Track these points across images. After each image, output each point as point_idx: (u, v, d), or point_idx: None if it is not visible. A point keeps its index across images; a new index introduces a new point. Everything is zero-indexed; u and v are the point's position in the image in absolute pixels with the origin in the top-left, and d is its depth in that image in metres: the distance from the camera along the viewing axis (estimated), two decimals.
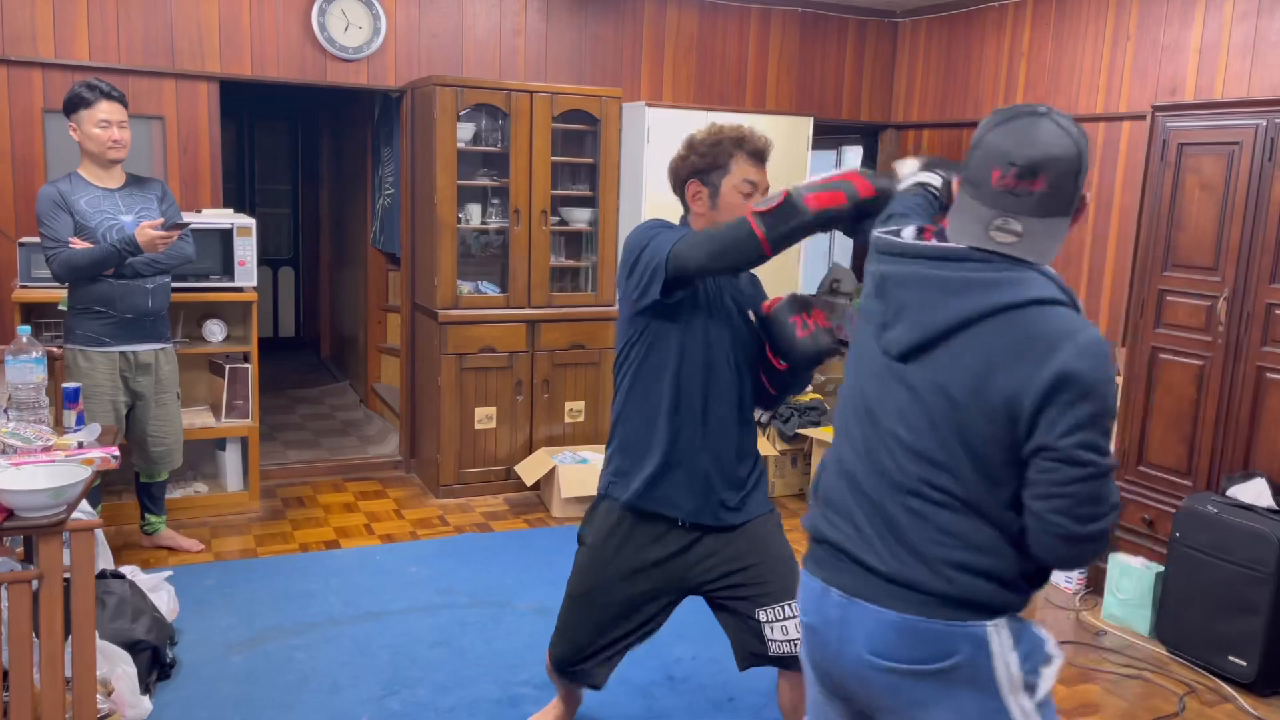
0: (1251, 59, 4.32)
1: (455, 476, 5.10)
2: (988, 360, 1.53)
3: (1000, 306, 1.54)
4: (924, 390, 1.60)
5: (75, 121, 3.77)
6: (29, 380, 2.80)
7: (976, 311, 1.55)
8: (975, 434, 1.55)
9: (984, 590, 1.59)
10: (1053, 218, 1.57)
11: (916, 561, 1.61)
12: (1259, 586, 3.36)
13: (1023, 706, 1.63)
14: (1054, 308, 1.54)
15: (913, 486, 1.62)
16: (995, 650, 1.60)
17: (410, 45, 5.17)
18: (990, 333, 1.54)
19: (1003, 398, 1.52)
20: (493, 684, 3.26)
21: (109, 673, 2.85)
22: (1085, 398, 1.49)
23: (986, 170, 1.58)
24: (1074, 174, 1.56)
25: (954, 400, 1.56)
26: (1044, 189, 1.55)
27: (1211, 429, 3.75)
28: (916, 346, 1.61)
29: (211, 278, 4.51)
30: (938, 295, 1.59)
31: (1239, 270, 3.63)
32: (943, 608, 1.59)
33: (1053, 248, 1.59)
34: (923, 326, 1.59)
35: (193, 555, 4.22)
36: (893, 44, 6.34)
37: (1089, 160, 1.58)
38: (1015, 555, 1.60)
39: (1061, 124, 1.56)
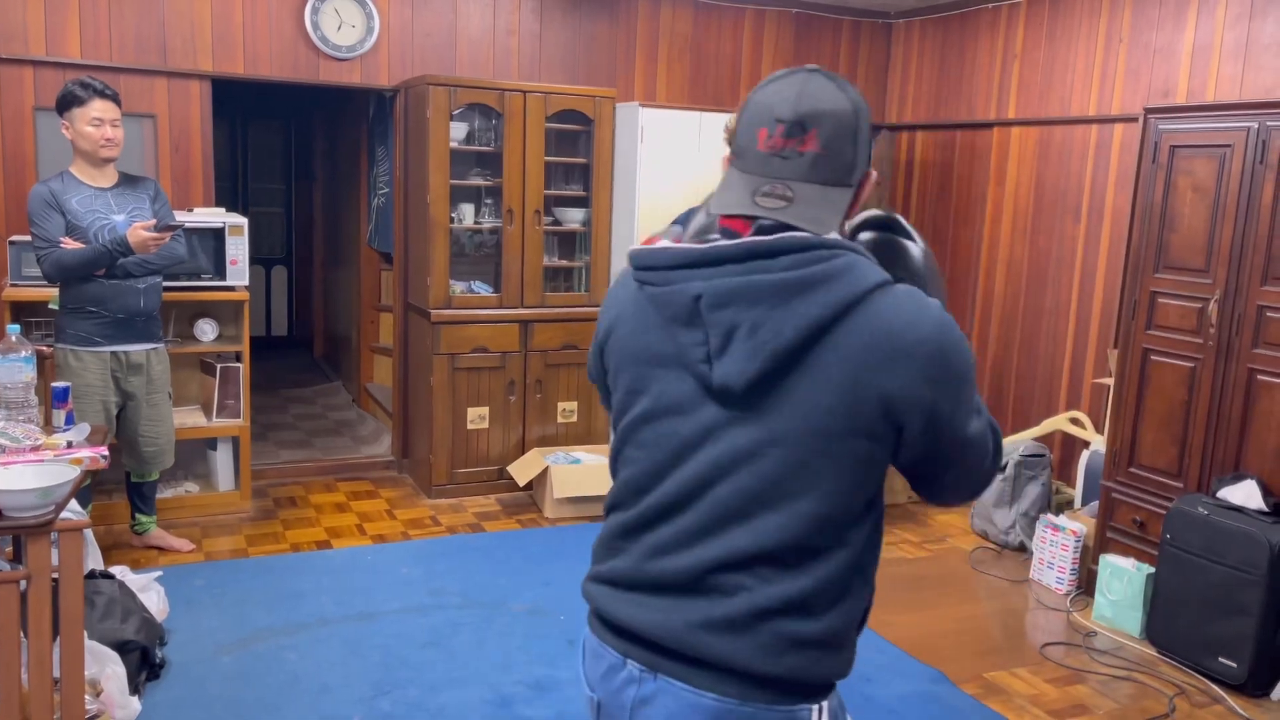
0: (1243, 62, 4.33)
1: (448, 477, 5.09)
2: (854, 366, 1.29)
3: (849, 302, 1.28)
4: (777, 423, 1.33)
5: (68, 120, 3.76)
6: (18, 379, 2.79)
7: (827, 315, 1.28)
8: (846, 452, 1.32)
9: (813, 665, 1.34)
10: (828, 185, 1.33)
11: (730, 632, 1.33)
12: (1249, 588, 3.37)
13: None
14: (893, 288, 1.32)
15: (757, 544, 1.36)
16: None
17: (404, 44, 5.16)
18: (850, 337, 1.29)
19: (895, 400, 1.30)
20: (484, 685, 3.26)
21: (98, 673, 2.83)
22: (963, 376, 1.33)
23: (753, 133, 1.35)
24: (850, 134, 1.34)
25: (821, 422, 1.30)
26: (816, 149, 1.32)
27: (1202, 431, 3.76)
28: (764, 375, 1.30)
29: (204, 277, 4.50)
30: (761, 305, 1.29)
31: (1230, 272, 3.64)
32: (759, 689, 1.33)
33: (832, 219, 1.33)
34: (759, 348, 1.29)
35: (183, 555, 4.21)
36: (887, 45, 6.35)
37: (868, 122, 1.37)
38: (851, 603, 1.36)
39: (835, 80, 1.35)
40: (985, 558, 4.63)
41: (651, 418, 1.39)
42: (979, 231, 5.80)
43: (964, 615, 4.02)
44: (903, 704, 3.26)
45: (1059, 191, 5.28)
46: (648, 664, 1.36)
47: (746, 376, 1.28)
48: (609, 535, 1.45)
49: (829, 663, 1.35)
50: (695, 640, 1.32)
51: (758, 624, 1.30)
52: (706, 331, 1.31)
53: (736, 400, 1.31)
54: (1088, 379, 5.15)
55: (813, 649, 1.32)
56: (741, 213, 1.34)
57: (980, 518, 4.91)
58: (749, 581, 1.31)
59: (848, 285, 1.28)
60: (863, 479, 1.33)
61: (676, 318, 1.33)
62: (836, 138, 1.33)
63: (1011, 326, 5.60)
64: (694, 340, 1.32)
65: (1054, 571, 4.25)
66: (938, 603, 4.13)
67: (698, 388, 1.33)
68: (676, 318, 1.33)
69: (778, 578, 1.31)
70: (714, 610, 1.31)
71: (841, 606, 1.34)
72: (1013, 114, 5.53)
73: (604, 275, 5.30)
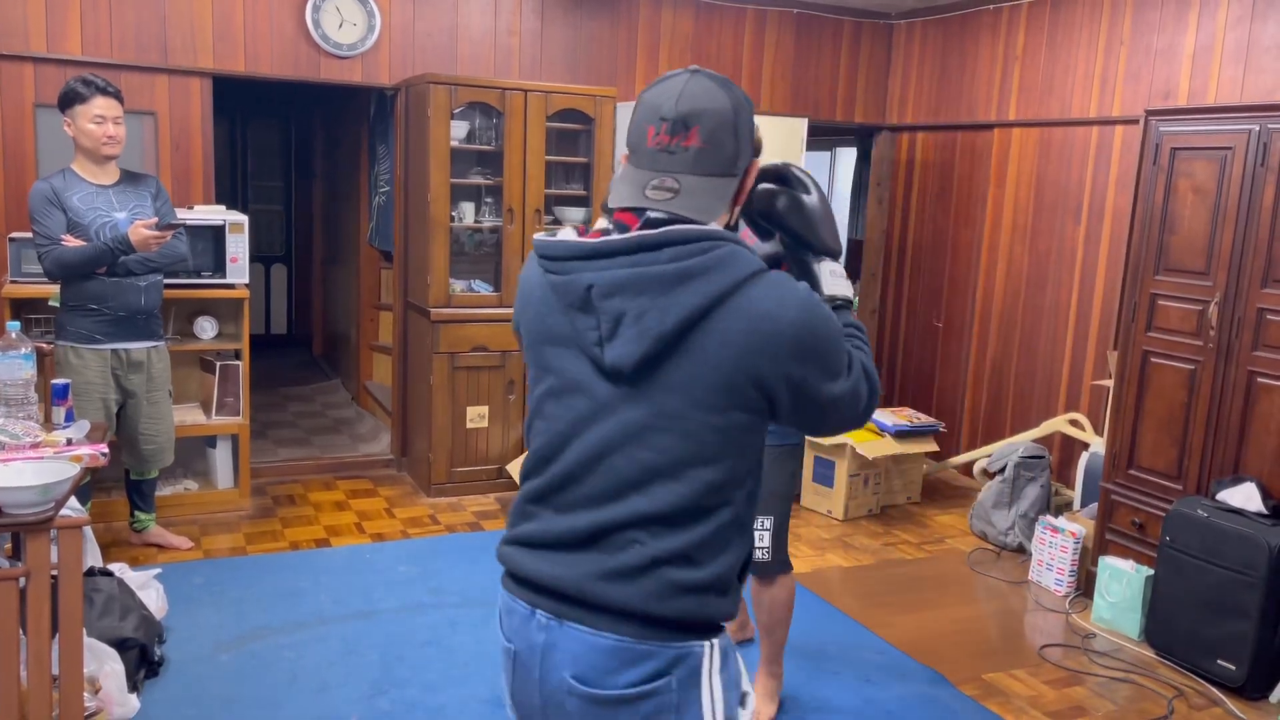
0: (1244, 65, 4.33)
1: (447, 475, 5.09)
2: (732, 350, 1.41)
3: (725, 291, 1.40)
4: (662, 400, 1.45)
5: (70, 117, 3.75)
6: (18, 376, 2.79)
7: (705, 303, 1.40)
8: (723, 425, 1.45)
9: (701, 606, 1.48)
10: (712, 176, 1.46)
11: (627, 579, 1.46)
12: (1248, 591, 3.37)
13: None
14: (765, 276, 1.43)
15: (650, 504, 1.49)
16: (705, 673, 1.49)
17: (404, 43, 5.16)
18: (727, 323, 1.40)
19: (771, 376, 1.43)
20: (482, 684, 3.26)
21: (96, 671, 2.83)
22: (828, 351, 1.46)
23: (642, 131, 1.48)
24: (730, 128, 1.46)
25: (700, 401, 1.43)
26: (699, 144, 1.45)
27: (1202, 433, 3.76)
28: (650, 357, 1.42)
29: (203, 274, 4.50)
30: (647, 295, 1.41)
31: (1230, 275, 3.64)
32: (652, 628, 1.46)
33: (717, 206, 1.47)
34: (643, 333, 1.41)
35: (182, 553, 4.21)
36: (888, 46, 6.35)
37: (748, 115, 1.50)
38: (732, 556, 1.50)
39: (715, 79, 1.48)
40: (984, 559, 4.63)
41: (555, 394, 1.52)
42: (979, 233, 5.80)
43: (963, 616, 4.02)
44: (901, 705, 3.26)
45: (1059, 193, 5.28)
46: (554, 612, 1.49)
47: (633, 359, 1.41)
48: (521, 501, 1.58)
49: (715, 605, 1.49)
50: (594, 589, 1.46)
51: (649, 573, 1.45)
52: (598, 318, 1.43)
53: (626, 380, 1.44)
54: (1087, 380, 5.15)
55: (699, 594, 1.47)
56: (632, 205, 1.47)
57: (979, 519, 4.91)
58: (642, 537, 1.45)
59: (724, 276, 1.40)
60: (745, 446, 1.48)
61: (573, 304, 1.46)
62: (717, 132, 1.45)
63: (1011, 328, 5.60)
64: (588, 325, 1.45)
65: (1053, 573, 4.25)
66: (936, 604, 4.13)
67: (593, 368, 1.47)
68: (573, 304, 1.46)
69: (668, 534, 1.45)
70: (610, 562, 1.46)
71: (724, 557, 1.48)
72: (1013, 115, 5.53)
73: None
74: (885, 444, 5.08)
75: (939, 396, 6.14)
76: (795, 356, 1.42)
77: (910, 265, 6.38)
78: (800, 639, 3.68)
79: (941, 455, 5.81)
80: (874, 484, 5.19)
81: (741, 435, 1.47)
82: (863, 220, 7.36)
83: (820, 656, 3.57)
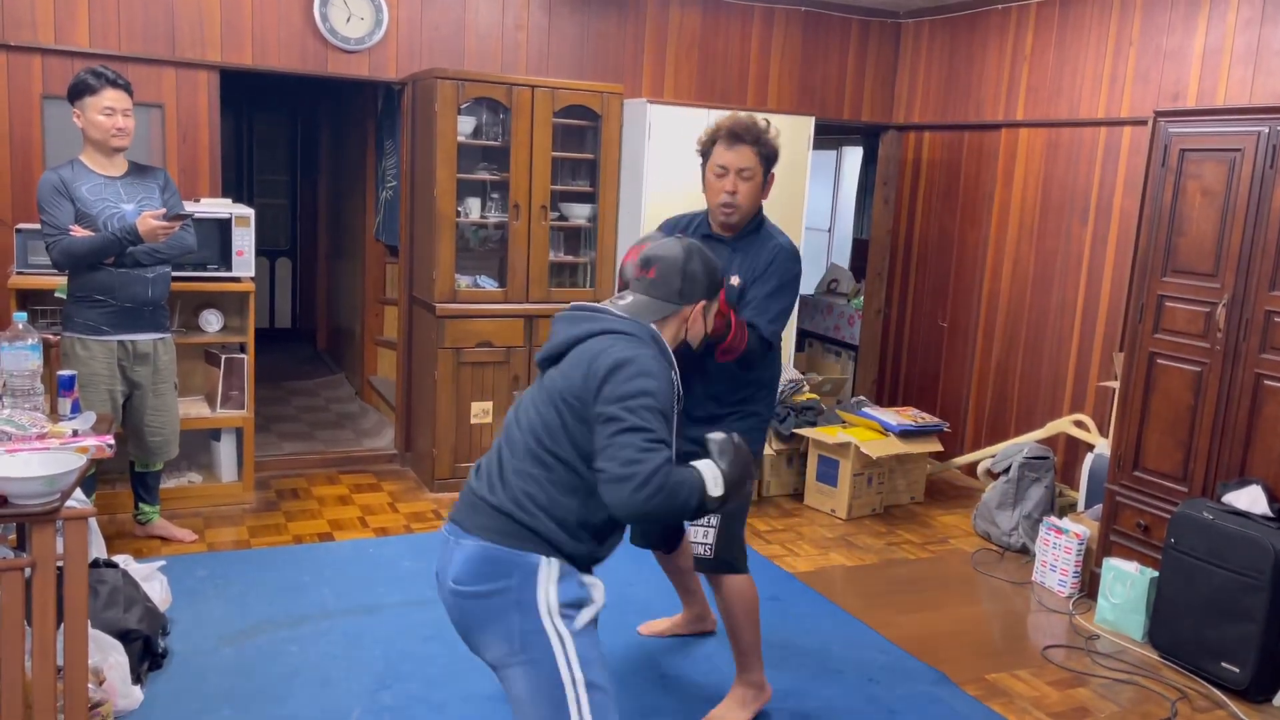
0: (1254, 66, 4.32)
1: (450, 470, 5.09)
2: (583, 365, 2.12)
3: (587, 334, 2.18)
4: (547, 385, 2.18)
5: (79, 108, 3.75)
6: (24, 367, 2.79)
7: (578, 335, 2.19)
8: (574, 415, 2.09)
9: (546, 526, 2.05)
10: (655, 299, 2.28)
11: (503, 488, 2.10)
12: (1254, 594, 3.36)
13: (559, 628, 2.03)
14: (615, 336, 2.15)
15: (525, 444, 2.14)
16: (541, 579, 2.03)
17: (412, 37, 5.16)
18: (590, 347, 2.14)
19: (584, 388, 2.08)
20: (485, 679, 3.25)
21: (101, 662, 2.84)
22: (623, 377, 2.05)
23: (631, 268, 2.38)
24: (678, 272, 2.28)
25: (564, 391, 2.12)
26: (653, 277, 2.29)
27: (1208, 435, 3.75)
28: (548, 358, 2.25)
29: (209, 267, 4.50)
30: (563, 326, 2.26)
31: (1239, 277, 3.63)
32: (510, 535, 2.05)
33: (646, 316, 2.25)
34: (551, 345, 2.25)
35: (186, 545, 4.21)
36: (895, 45, 6.34)
37: (698, 266, 2.30)
38: (579, 506, 2.08)
39: (680, 241, 2.34)
40: (987, 559, 4.63)
41: None
42: (985, 232, 5.79)
43: (966, 617, 4.02)
44: (905, 704, 3.26)
45: (1066, 193, 5.27)
46: (454, 531, 2.14)
47: (543, 355, 2.28)
48: None
49: (555, 531, 2.07)
50: (474, 509, 2.12)
51: (509, 484, 2.10)
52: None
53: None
54: (1093, 382, 5.14)
55: (544, 515, 2.07)
56: (601, 305, 2.29)
57: (983, 519, 4.91)
58: (514, 479, 2.11)
59: (601, 325, 2.20)
60: (581, 428, 2.09)
61: None
62: (665, 272, 2.30)
63: (1017, 328, 5.59)
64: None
65: (1056, 574, 4.24)
66: (940, 604, 4.12)
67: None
68: None
69: (529, 481, 2.09)
70: (489, 493, 2.12)
71: (568, 502, 2.09)
72: (1021, 115, 5.52)
73: (609, 271, 5.30)
74: (889, 443, 5.08)
75: (943, 396, 6.13)
76: (604, 384, 2.06)
77: (916, 265, 6.37)
78: (803, 637, 3.68)
79: (945, 455, 5.80)
80: (878, 483, 5.19)
81: (576, 423, 2.09)
82: (869, 219, 7.35)
83: (823, 655, 3.56)
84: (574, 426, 2.08)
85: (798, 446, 5.33)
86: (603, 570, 2.26)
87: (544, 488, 2.07)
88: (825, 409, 5.41)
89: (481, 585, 2.04)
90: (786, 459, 5.36)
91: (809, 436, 5.19)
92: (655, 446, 1.99)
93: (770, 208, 3.14)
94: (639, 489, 1.95)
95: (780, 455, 5.33)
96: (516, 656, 2.02)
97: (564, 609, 2.04)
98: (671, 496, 1.99)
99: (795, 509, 5.21)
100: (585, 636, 2.07)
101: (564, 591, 2.05)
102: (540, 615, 2.02)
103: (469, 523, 2.11)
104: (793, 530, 4.90)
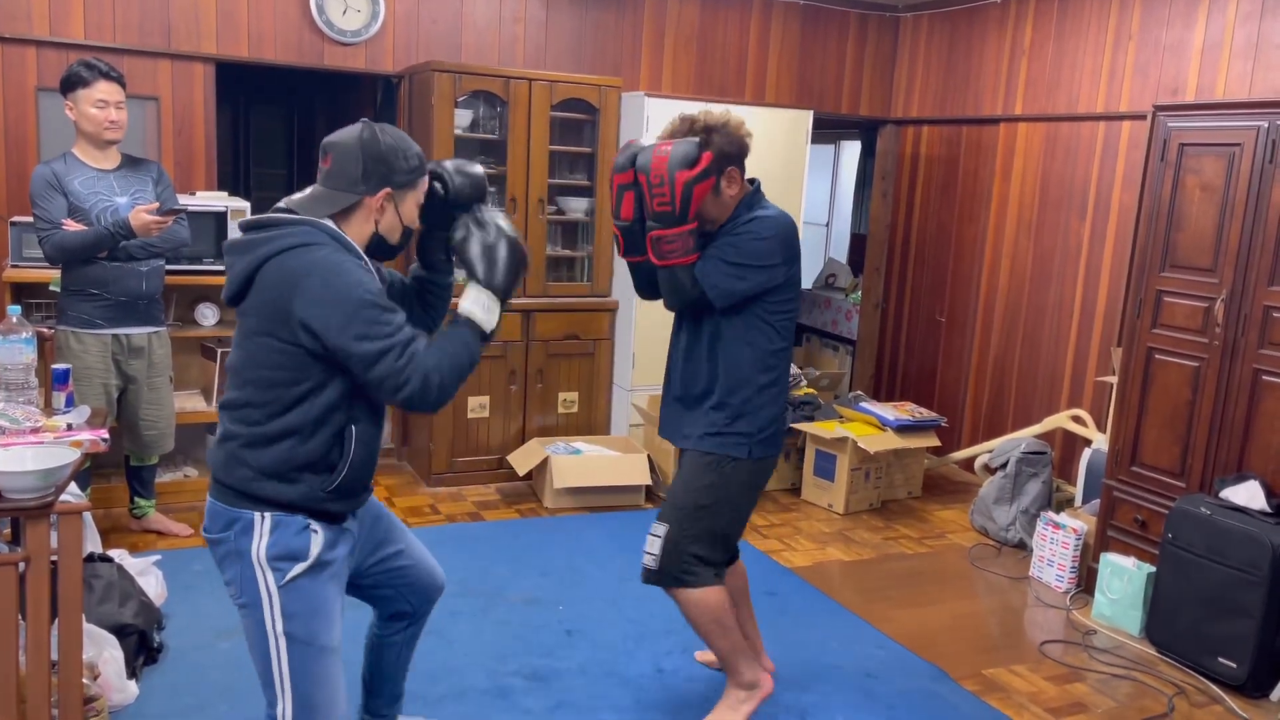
0: (1254, 60, 4.31)
1: (447, 465, 5.08)
2: (276, 293, 2.04)
3: (261, 261, 2.06)
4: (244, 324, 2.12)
5: (72, 100, 3.73)
6: (18, 361, 2.77)
7: (252, 265, 2.07)
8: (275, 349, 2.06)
9: (256, 485, 2.09)
10: (331, 190, 2.14)
11: (218, 447, 2.16)
12: (1251, 589, 3.36)
13: (268, 580, 2.10)
14: (286, 254, 2.05)
15: (228, 400, 2.17)
16: (255, 533, 2.10)
17: (409, 30, 5.13)
18: (268, 274, 2.05)
19: (296, 318, 2.02)
20: (481, 674, 3.25)
21: (95, 657, 2.83)
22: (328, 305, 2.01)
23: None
24: (355, 158, 2.11)
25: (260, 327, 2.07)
26: (329, 166, 2.14)
27: (1206, 430, 3.75)
28: (232, 296, 2.13)
29: (205, 261, 4.48)
30: (235, 257, 2.11)
31: (1237, 272, 3.62)
32: (226, 495, 2.12)
33: (322, 210, 2.12)
34: (232, 282, 2.12)
35: (182, 539, 4.20)
36: (894, 39, 6.32)
37: (373, 150, 2.11)
38: (286, 451, 2.08)
39: (364, 125, 2.13)
40: (985, 554, 4.63)
41: None
42: (984, 227, 5.78)
43: (963, 612, 4.02)
44: (902, 699, 3.26)
45: (1065, 188, 5.26)
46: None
47: (227, 294, 2.15)
48: None
49: (266, 487, 2.09)
50: (211, 469, 2.18)
51: (224, 444, 2.14)
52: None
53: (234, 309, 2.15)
54: (1090, 377, 5.14)
55: (252, 472, 2.09)
56: (271, 211, 2.16)
57: (980, 514, 4.91)
58: (229, 417, 2.15)
59: (273, 246, 2.06)
60: (284, 363, 2.06)
61: None
62: (342, 159, 2.12)
63: (1015, 323, 5.59)
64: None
65: (1054, 569, 4.24)
66: (937, 599, 4.12)
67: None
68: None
69: (243, 419, 2.11)
70: (210, 458, 2.18)
71: (276, 449, 2.08)
72: (1020, 110, 5.50)
73: (607, 265, 5.29)
74: (887, 438, 5.07)
75: (941, 391, 6.12)
76: (309, 303, 2.00)
77: (914, 259, 6.36)
78: (800, 632, 3.68)
79: (943, 450, 5.80)
80: (875, 478, 5.18)
81: (279, 355, 2.05)
82: (867, 214, 7.34)
83: (820, 650, 3.56)
84: (281, 356, 2.06)
85: (795, 441, 5.33)
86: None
87: (249, 445, 2.10)
88: (823, 404, 5.41)
89: (213, 534, 2.15)
90: (784, 453, 5.36)
91: (806, 431, 5.19)
92: (400, 350, 2.01)
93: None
94: (424, 396, 2.03)
95: None
96: (238, 600, 2.14)
97: (274, 562, 2.09)
98: (456, 371, 2.09)
99: (792, 504, 5.20)
100: (296, 590, 2.11)
101: (274, 545, 2.09)
102: (253, 566, 2.09)
103: (212, 479, 2.19)
104: (790, 525, 4.90)
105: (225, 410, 2.15)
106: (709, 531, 2.84)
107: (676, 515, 2.83)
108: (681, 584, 2.83)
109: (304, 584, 2.12)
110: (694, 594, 2.83)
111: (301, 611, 2.11)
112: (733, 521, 2.92)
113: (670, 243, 2.69)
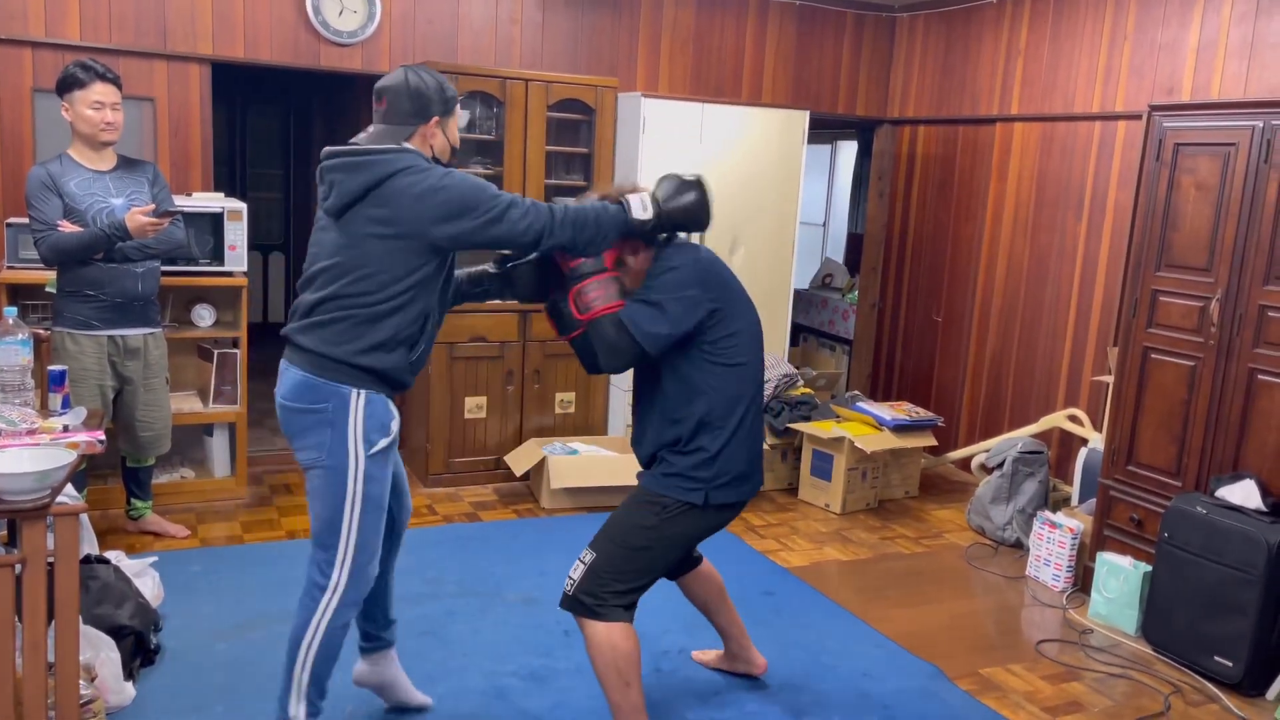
0: (1249, 60, 4.32)
1: (444, 466, 5.08)
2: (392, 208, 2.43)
3: (374, 182, 2.44)
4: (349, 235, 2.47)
5: (68, 102, 3.73)
6: (14, 362, 2.77)
7: (374, 179, 2.44)
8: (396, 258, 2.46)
9: (356, 359, 2.46)
10: (392, 125, 2.53)
11: (316, 329, 2.51)
12: (1247, 588, 3.37)
13: (358, 450, 2.49)
14: (398, 176, 2.44)
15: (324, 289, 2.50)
16: (352, 408, 2.48)
17: (405, 31, 5.13)
18: (393, 190, 2.43)
19: (430, 227, 2.44)
20: (479, 674, 3.25)
21: (92, 658, 2.82)
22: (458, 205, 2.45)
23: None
24: (405, 94, 2.52)
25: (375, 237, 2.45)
26: (384, 107, 2.54)
27: (1202, 430, 3.75)
28: (344, 205, 2.46)
29: (201, 262, 4.48)
30: (342, 175, 2.47)
31: (1232, 271, 3.63)
32: (325, 369, 2.47)
33: (393, 141, 2.50)
34: (342, 194, 2.46)
35: (178, 541, 4.20)
36: (890, 39, 6.33)
37: (420, 89, 2.52)
38: (388, 329, 2.48)
39: (406, 70, 2.56)
40: (981, 554, 4.63)
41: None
42: (980, 227, 5.79)
43: (960, 611, 4.02)
44: (898, 699, 3.26)
45: (1061, 188, 5.27)
46: (286, 361, 2.59)
47: (335, 210, 2.49)
48: None
49: (370, 357, 2.48)
50: (293, 347, 2.56)
51: (330, 325, 2.49)
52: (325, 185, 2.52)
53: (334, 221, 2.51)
54: (1087, 376, 5.15)
55: (363, 344, 2.47)
56: (350, 147, 2.53)
57: (977, 514, 4.91)
58: (335, 305, 2.48)
59: (388, 168, 2.44)
60: (400, 259, 2.46)
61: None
62: (396, 99, 2.53)
63: (1011, 323, 5.60)
64: (322, 193, 2.53)
65: (1050, 568, 4.25)
66: (934, 598, 4.12)
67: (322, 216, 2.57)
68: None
69: (352, 304, 2.47)
70: (310, 320, 2.52)
71: (386, 324, 2.48)
72: (1015, 110, 5.51)
73: None
74: (883, 438, 5.08)
75: (938, 391, 6.13)
76: (426, 214, 2.45)
77: (910, 259, 6.37)
78: (797, 632, 3.68)
79: (940, 450, 5.81)
80: (872, 478, 5.19)
81: (399, 253, 2.45)
82: (863, 214, 7.35)
83: (817, 650, 3.56)
84: (389, 255, 2.43)
85: (792, 441, 5.33)
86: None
87: (363, 323, 2.46)
88: (819, 403, 5.41)
89: (303, 404, 2.51)
90: (781, 454, 5.36)
91: (803, 431, 5.19)
92: (519, 200, 2.47)
93: (765, 204, 3.11)
94: (550, 225, 2.48)
95: (774, 450, 5.32)
96: (320, 462, 2.51)
97: (369, 435, 2.49)
98: (581, 217, 2.52)
99: (789, 503, 5.21)
100: (377, 460, 2.53)
101: (370, 418, 2.49)
102: (347, 435, 2.48)
103: (294, 356, 2.54)
104: (787, 525, 4.90)
105: (328, 301, 2.48)
106: (636, 571, 2.70)
107: (607, 550, 2.70)
108: (592, 615, 2.68)
109: (381, 455, 2.53)
110: (600, 628, 2.68)
111: (378, 476, 2.54)
112: (664, 564, 2.78)
113: (591, 292, 2.64)
